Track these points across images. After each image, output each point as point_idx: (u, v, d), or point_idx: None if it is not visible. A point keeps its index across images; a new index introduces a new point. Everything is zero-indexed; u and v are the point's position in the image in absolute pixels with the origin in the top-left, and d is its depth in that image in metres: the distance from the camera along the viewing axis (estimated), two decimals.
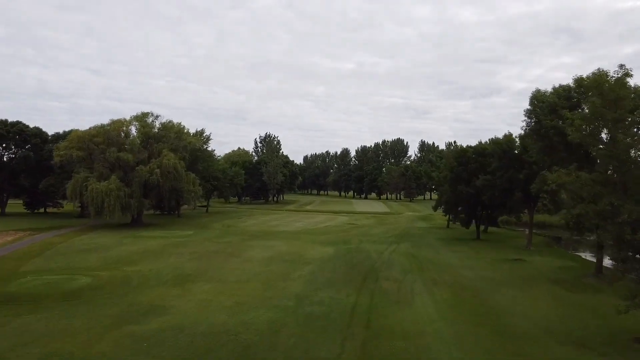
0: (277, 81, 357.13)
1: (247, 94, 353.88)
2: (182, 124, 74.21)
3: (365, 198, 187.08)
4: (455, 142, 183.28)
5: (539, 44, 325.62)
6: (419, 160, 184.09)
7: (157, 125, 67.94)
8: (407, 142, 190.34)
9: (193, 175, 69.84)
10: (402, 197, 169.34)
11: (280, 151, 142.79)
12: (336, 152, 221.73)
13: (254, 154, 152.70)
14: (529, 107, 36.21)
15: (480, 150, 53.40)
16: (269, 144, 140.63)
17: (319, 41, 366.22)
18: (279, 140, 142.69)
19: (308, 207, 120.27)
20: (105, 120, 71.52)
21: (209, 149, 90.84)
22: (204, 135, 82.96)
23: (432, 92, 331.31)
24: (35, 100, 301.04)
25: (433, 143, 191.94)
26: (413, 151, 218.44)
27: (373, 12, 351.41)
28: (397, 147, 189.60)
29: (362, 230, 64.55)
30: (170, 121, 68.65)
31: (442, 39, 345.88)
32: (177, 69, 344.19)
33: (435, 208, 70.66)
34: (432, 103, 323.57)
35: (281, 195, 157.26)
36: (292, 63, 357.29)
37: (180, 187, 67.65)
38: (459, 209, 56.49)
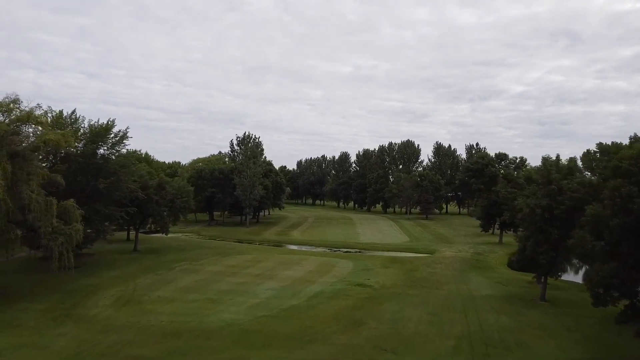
0: (275, 85, 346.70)
1: (245, 98, 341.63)
2: (50, 107, 41.92)
3: (369, 211, 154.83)
4: (477, 144, 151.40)
5: (538, 47, 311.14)
6: (433, 167, 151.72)
7: None
8: (418, 145, 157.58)
9: (68, 202, 37.61)
10: (411, 211, 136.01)
11: (263, 156, 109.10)
12: (334, 157, 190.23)
13: (231, 160, 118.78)
14: None
15: None
16: (248, 146, 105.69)
17: (316, 44, 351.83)
18: (260, 142, 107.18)
19: (294, 234, 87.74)
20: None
21: (139, 152, 58.92)
22: (114, 131, 49.83)
23: (430, 96, 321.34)
24: (31, 104, 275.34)
25: (449, 145, 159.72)
26: (426, 155, 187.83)
27: (371, 14, 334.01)
28: (407, 151, 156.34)
29: (385, 320, 32.03)
30: (14, 100, 35.49)
31: (440, 41, 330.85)
32: (174, 73, 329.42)
33: (515, 264, 38.48)
34: (430, 106, 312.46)
35: (266, 211, 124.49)
36: (289, 66, 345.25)
37: (39, 226, 35.66)
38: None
